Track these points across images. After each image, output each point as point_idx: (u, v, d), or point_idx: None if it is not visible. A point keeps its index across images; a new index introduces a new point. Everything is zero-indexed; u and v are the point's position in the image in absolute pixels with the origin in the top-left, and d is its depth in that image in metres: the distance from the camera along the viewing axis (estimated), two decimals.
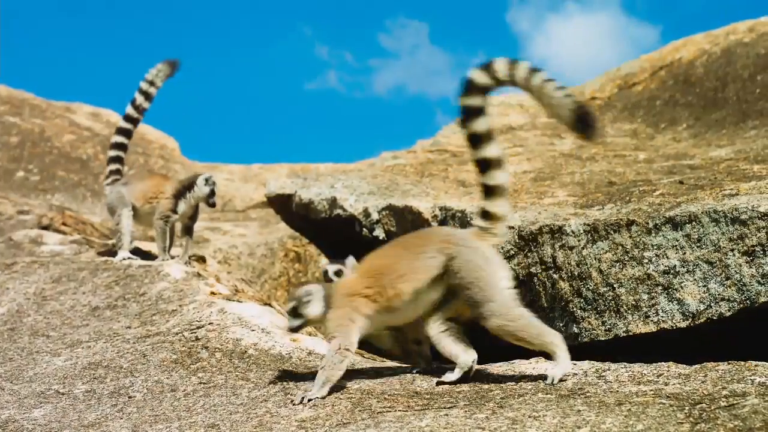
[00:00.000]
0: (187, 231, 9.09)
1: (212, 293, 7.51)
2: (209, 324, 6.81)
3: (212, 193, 8.85)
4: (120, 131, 9.78)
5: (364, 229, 8.57)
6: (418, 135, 12.58)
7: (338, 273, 6.96)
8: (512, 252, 7.26)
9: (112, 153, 9.75)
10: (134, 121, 9.77)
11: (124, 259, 8.74)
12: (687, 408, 4.59)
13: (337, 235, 9.05)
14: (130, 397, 5.85)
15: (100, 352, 6.67)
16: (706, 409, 4.54)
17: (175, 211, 8.92)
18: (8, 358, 6.82)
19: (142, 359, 6.42)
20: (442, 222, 8.01)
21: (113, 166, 9.64)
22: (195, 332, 6.70)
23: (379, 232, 8.49)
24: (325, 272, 7.00)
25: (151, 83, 9.63)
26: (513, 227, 7.29)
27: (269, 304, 7.36)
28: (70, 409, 5.75)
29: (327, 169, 17.45)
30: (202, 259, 9.27)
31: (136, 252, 9.22)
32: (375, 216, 8.52)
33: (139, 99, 9.62)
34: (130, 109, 9.71)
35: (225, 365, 6.18)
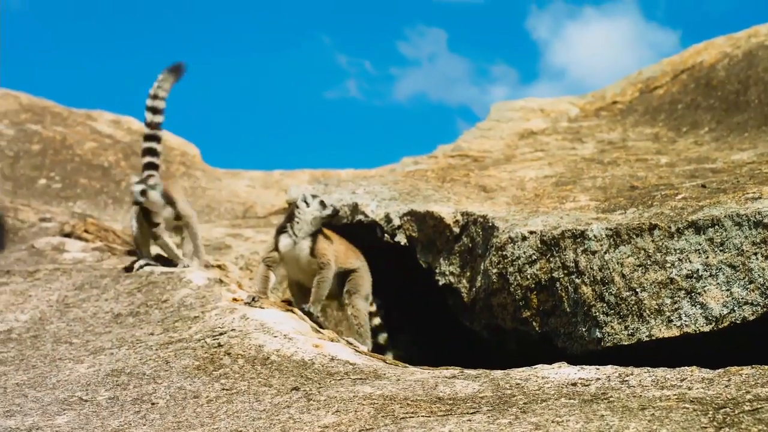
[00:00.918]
0: (178, 231, 9.03)
1: (234, 300, 7.52)
2: (231, 330, 6.81)
3: (142, 194, 8.57)
4: (146, 151, 9.52)
5: (386, 234, 8.57)
6: (439, 142, 12.57)
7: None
8: (534, 257, 7.25)
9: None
10: (155, 138, 9.49)
11: (143, 266, 8.74)
12: (711, 412, 4.57)
13: (359, 240, 9.05)
14: (153, 404, 5.86)
15: (123, 359, 6.69)
16: (730, 414, 4.53)
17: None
18: (31, 365, 6.84)
19: (164, 366, 6.43)
20: (464, 227, 8.01)
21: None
22: (217, 339, 6.71)
23: (400, 238, 8.49)
24: None
25: (155, 97, 9.40)
26: (535, 232, 7.28)
27: (291, 310, 7.36)
28: (93, 416, 5.76)
29: (348, 175, 17.44)
30: (223, 266, 9.28)
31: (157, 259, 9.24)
32: (396, 222, 8.52)
33: (149, 117, 9.38)
34: (146, 130, 9.50)
35: (247, 371, 6.19)
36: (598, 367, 5.65)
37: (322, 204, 7.71)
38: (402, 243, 8.49)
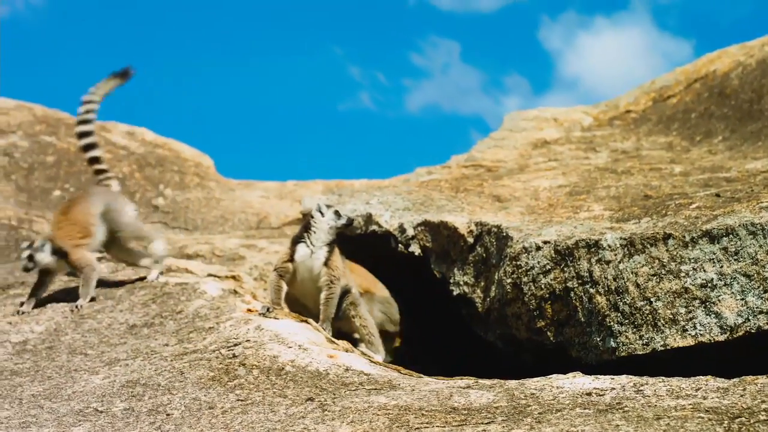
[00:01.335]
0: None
1: (249, 310, 7.53)
2: (246, 341, 6.83)
3: (29, 259, 8.42)
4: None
5: (400, 245, 8.58)
6: (452, 152, 12.58)
7: None
8: (548, 267, 7.25)
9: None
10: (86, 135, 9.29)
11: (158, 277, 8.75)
12: (726, 422, 4.57)
13: (373, 251, 9.06)
14: (168, 415, 5.87)
15: (138, 370, 6.70)
16: (746, 423, 4.52)
17: None
18: (47, 377, 6.86)
19: (179, 377, 6.45)
20: (478, 237, 8.02)
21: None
22: (232, 349, 6.72)
23: (414, 248, 8.50)
24: None
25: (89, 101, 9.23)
26: (549, 242, 7.28)
27: (306, 321, 7.37)
28: (108, 427, 5.78)
29: (362, 185, 17.46)
30: (238, 277, 9.29)
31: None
32: (410, 232, 8.53)
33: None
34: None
35: (262, 382, 6.20)
36: (612, 376, 5.65)
37: (337, 213, 7.76)
38: (416, 253, 8.49)
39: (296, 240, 7.83)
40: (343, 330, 7.84)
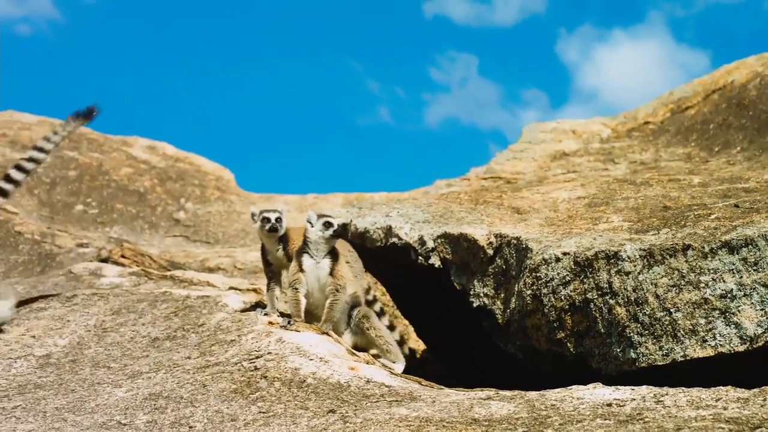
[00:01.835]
0: None
1: (270, 323, 7.56)
2: (268, 353, 6.86)
3: None
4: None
5: (420, 257, 8.60)
6: (471, 165, 12.63)
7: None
8: (568, 278, 7.26)
9: None
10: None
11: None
12: None
13: (393, 263, 9.09)
14: (190, 427, 5.90)
15: (161, 383, 6.74)
16: None
17: None
18: (70, 390, 6.91)
19: (201, 389, 6.48)
20: (498, 249, 8.03)
21: None
22: (254, 362, 6.76)
23: (434, 260, 8.52)
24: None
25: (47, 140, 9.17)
26: (568, 253, 7.30)
27: (327, 333, 7.40)
28: None
29: (381, 198, 17.50)
30: (258, 290, 9.33)
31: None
32: (430, 244, 8.55)
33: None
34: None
35: (284, 394, 6.23)
36: (633, 387, 5.66)
37: (326, 224, 7.81)
38: (436, 265, 8.51)
39: (300, 252, 7.90)
40: (360, 345, 7.86)
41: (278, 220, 8.15)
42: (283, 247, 8.23)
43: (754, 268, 6.61)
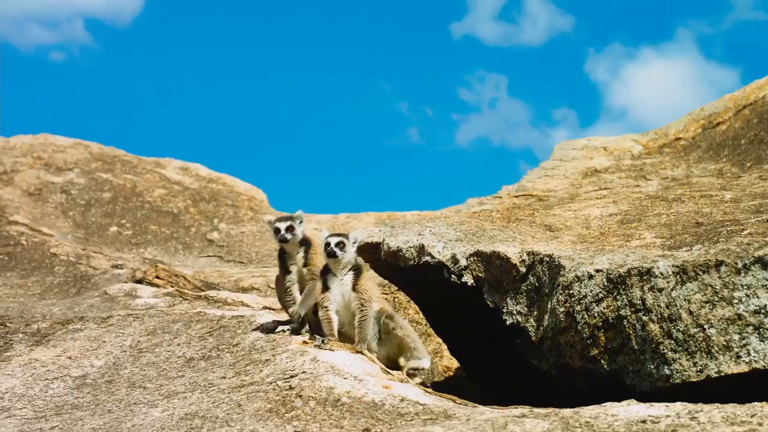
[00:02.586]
0: None
1: (304, 342, 7.60)
2: (302, 373, 6.89)
3: None
4: None
5: (453, 275, 8.61)
6: (503, 184, 12.64)
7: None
8: (601, 295, 7.26)
9: None
10: None
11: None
12: None
13: (426, 281, 9.10)
14: None
15: (196, 403, 6.78)
16: None
17: None
18: (107, 410, 6.96)
19: (237, 409, 6.51)
20: (530, 267, 8.04)
21: None
22: (288, 381, 6.79)
23: (467, 279, 8.53)
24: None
25: None
26: (601, 270, 7.30)
27: (361, 352, 7.43)
28: None
29: (413, 216, 17.53)
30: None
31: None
32: (463, 262, 8.56)
33: None
34: None
35: (319, 413, 6.25)
36: (667, 404, 5.66)
37: (339, 245, 7.88)
38: (469, 283, 8.52)
39: (324, 271, 7.97)
40: (391, 354, 7.90)
41: (288, 229, 8.19)
42: (305, 251, 8.24)
43: None
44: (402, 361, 7.90)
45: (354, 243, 7.99)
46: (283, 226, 8.20)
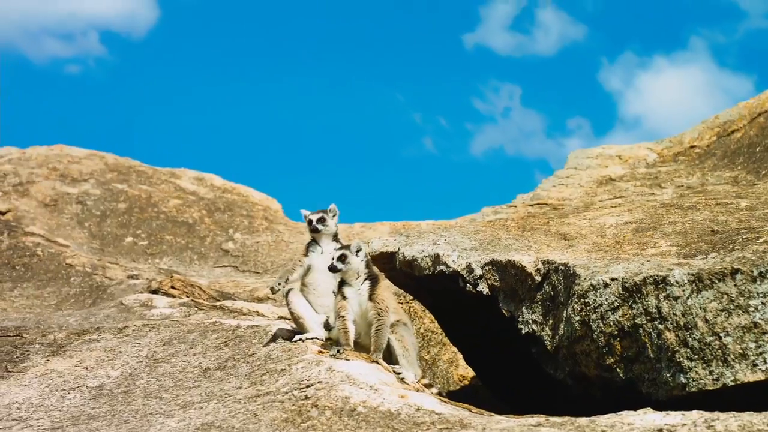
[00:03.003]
0: None
1: (320, 352, 7.61)
2: (318, 382, 6.89)
3: None
4: None
5: (468, 284, 8.61)
6: (518, 193, 12.64)
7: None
8: (616, 304, 7.25)
9: None
10: None
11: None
12: None
13: (441, 290, 9.11)
14: None
15: (212, 413, 6.79)
16: None
17: None
18: (123, 420, 6.97)
19: (253, 419, 6.52)
20: (546, 276, 8.04)
21: None
22: (304, 391, 6.79)
23: (482, 288, 8.53)
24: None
25: None
26: (617, 279, 7.29)
27: (376, 362, 7.44)
28: None
29: (428, 225, 17.53)
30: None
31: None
32: (478, 271, 8.57)
33: None
34: None
35: (335, 423, 6.25)
36: (683, 412, 5.65)
37: (341, 258, 7.92)
38: (484, 293, 8.52)
39: (341, 283, 7.98)
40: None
41: (320, 220, 8.32)
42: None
43: None
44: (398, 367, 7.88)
45: (358, 252, 7.99)
46: (315, 217, 8.33)
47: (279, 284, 8.23)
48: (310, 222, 8.37)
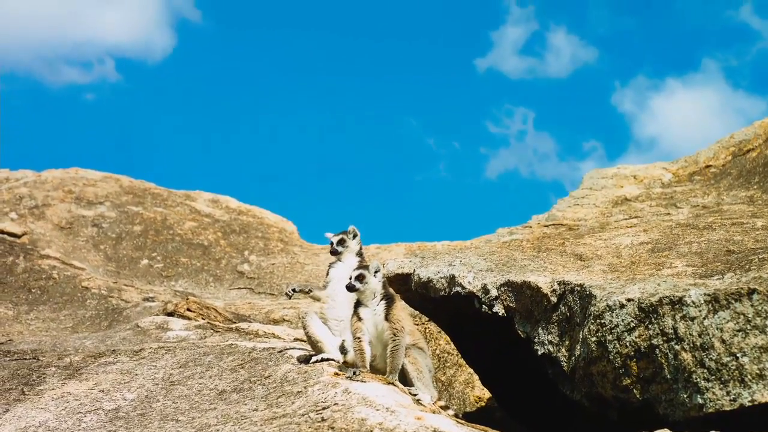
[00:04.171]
0: None
1: (336, 374, 7.60)
2: (334, 404, 6.89)
3: None
4: None
5: (484, 306, 8.61)
6: (532, 214, 12.63)
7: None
8: (633, 324, 7.24)
9: None
10: None
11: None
12: None
13: (457, 312, 9.11)
14: None
15: None
16: None
17: None
18: None
19: None
20: (561, 297, 8.03)
21: None
22: (321, 413, 6.79)
23: (498, 309, 8.53)
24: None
25: None
26: (632, 299, 7.28)
27: (393, 383, 7.43)
28: None
29: (444, 247, 17.53)
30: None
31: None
32: (494, 293, 8.56)
33: None
34: None
35: None
36: None
37: (359, 278, 7.92)
38: (500, 314, 8.52)
39: (357, 302, 7.98)
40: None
41: (340, 242, 8.40)
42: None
43: None
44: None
45: (377, 272, 8.00)
46: (335, 239, 8.36)
47: (292, 289, 8.32)
48: (331, 244, 8.43)
